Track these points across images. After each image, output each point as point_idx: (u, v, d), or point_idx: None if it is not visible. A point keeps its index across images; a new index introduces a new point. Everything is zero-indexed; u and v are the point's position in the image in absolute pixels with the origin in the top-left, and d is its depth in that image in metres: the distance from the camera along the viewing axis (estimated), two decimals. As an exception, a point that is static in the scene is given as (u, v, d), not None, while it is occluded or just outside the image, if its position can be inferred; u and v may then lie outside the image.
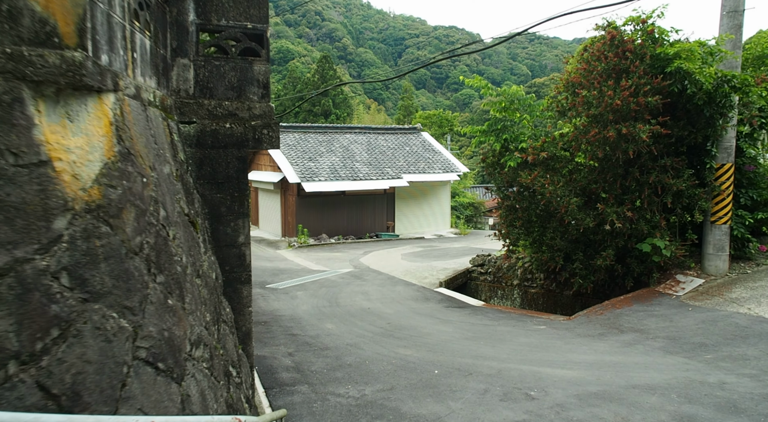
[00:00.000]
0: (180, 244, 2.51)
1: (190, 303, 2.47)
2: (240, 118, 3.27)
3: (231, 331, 2.98)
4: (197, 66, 3.17)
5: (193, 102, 3.20)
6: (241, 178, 3.27)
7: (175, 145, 2.78)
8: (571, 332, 8.25)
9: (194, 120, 3.20)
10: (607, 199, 9.67)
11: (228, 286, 3.25)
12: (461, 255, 18.30)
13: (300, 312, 10.70)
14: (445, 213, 27.76)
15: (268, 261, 19.18)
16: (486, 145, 11.08)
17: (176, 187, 2.65)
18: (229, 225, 3.25)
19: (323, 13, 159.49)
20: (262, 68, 3.30)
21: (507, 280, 13.28)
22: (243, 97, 3.34)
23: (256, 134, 3.31)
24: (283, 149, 24.61)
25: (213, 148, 3.24)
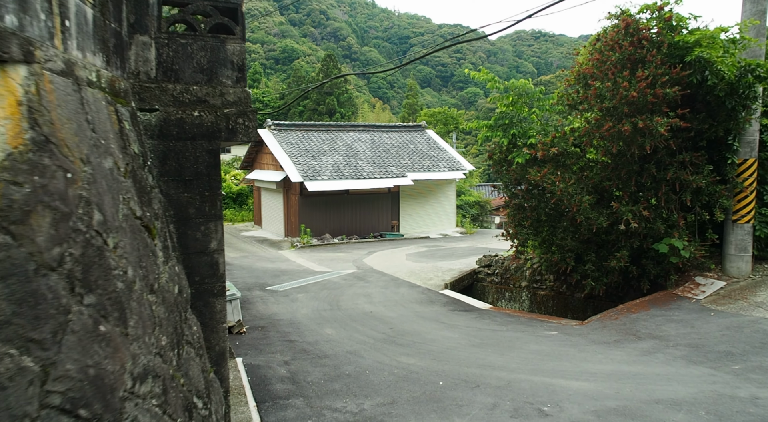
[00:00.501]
0: (125, 254, 2.04)
1: (137, 326, 2.00)
2: (211, 106, 2.82)
3: (198, 353, 2.53)
4: (160, 44, 2.73)
5: (155, 86, 2.75)
6: (213, 175, 2.82)
7: (125, 134, 2.33)
8: (584, 338, 7.76)
9: (156, 107, 2.75)
10: (622, 196, 9.16)
11: (198, 300, 2.80)
12: (467, 255, 17.81)
13: (299, 316, 10.26)
14: (451, 212, 27.26)
15: (269, 262, 18.77)
16: (493, 141, 10.59)
17: (123, 184, 2.18)
18: (199, 229, 2.79)
19: (328, 12, 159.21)
20: (237, 48, 2.86)
21: (515, 282, 12.79)
22: (214, 80, 2.88)
23: (230, 124, 2.86)
24: (285, 148, 24.20)
25: (179, 140, 2.79)
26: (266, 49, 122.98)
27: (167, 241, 2.62)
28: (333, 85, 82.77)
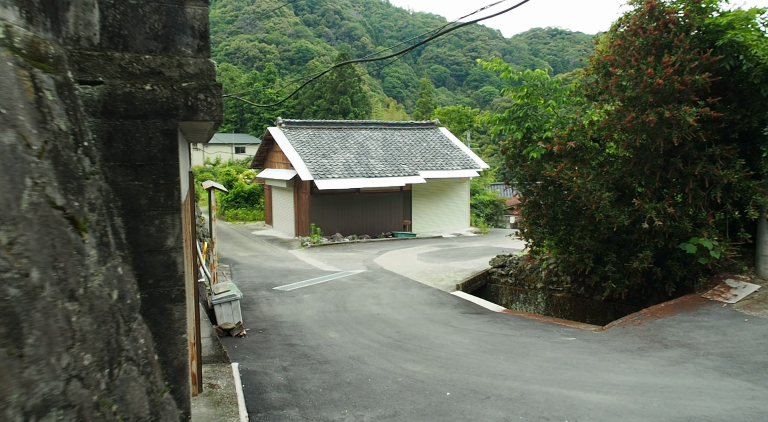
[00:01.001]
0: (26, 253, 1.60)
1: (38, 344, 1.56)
2: (166, 78, 2.38)
3: (144, 371, 2.08)
4: (105, 6, 2.31)
5: (98, 54, 2.31)
6: (169, 160, 2.38)
7: (45, 106, 1.89)
8: (605, 345, 7.21)
9: (100, 79, 2.32)
10: (645, 193, 8.58)
11: (152, 306, 2.36)
12: (481, 255, 17.25)
13: (303, 318, 9.84)
14: (464, 212, 26.68)
15: (278, 261, 18.41)
16: (506, 135, 10.05)
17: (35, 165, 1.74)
18: (153, 223, 2.35)
19: (342, 12, 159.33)
20: (198, 11, 2.43)
21: (530, 283, 12.23)
22: (171, 49, 2.44)
23: (189, 100, 2.42)
24: (295, 146, 23.84)
25: (127, 118, 2.36)
26: (281, 50, 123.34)
27: (107, 237, 2.18)
28: (347, 84, 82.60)
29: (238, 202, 32.82)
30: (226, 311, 8.44)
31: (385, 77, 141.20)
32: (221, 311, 8.43)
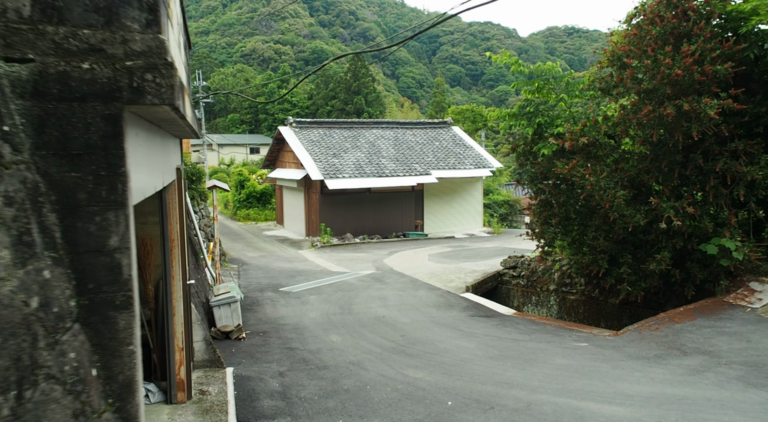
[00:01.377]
0: None
1: None
2: (109, 56, 2.10)
3: (71, 391, 1.79)
4: (37, -28, 2.03)
5: (28, 28, 2.04)
6: (111, 149, 2.09)
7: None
8: (619, 352, 6.80)
9: (30, 56, 2.04)
10: (662, 191, 8.14)
11: (93, 314, 2.08)
12: (493, 256, 16.84)
13: (306, 320, 9.56)
14: (477, 211, 26.23)
15: (287, 261, 18.19)
16: (516, 131, 9.66)
17: None
18: (93, 220, 2.07)
19: (357, 13, 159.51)
20: (147, -20, 2.16)
21: (542, 285, 11.81)
22: (115, 23, 2.16)
23: (135, 80, 2.13)
24: (306, 145, 23.64)
25: (62, 101, 2.08)
26: (296, 51, 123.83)
27: (29, 236, 1.89)
28: (360, 84, 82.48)
29: (250, 202, 32.75)
30: (225, 313, 8.20)
31: (400, 77, 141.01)
32: (220, 313, 8.19)
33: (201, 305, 8.17)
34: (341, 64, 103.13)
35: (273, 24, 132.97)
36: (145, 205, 5.91)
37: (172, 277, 5.16)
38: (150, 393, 5.26)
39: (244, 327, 9.02)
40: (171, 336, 5.18)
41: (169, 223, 5.10)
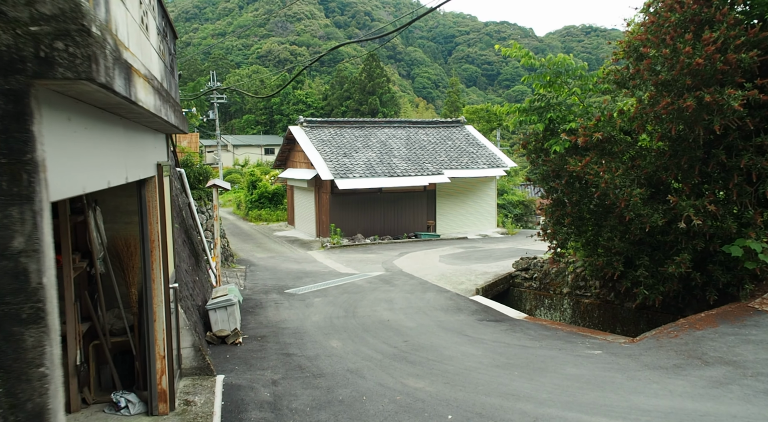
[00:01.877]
0: None
1: None
2: (9, 20, 1.76)
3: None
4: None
5: None
6: (14, 132, 1.77)
7: None
8: (635, 361, 6.34)
9: None
10: (681, 189, 7.65)
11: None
12: (506, 257, 16.38)
13: (308, 324, 9.23)
14: (491, 212, 25.73)
15: (295, 263, 17.93)
16: (527, 127, 9.23)
17: None
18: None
19: (373, 14, 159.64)
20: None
21: (555, 288, 11.34)
22: (22, -18, 1.81)
23: (42, 49, 1.80)
24: (316, 145, 23.37)
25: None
26: (311, 52, 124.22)
27: None
28: (375, 85, 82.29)
29: (262, 202, 32.62)
30: (221, 317, 7.90)
31: (416, 78, 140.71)
32: (216, 317, 7.89)
33: (196, 308, 7.89)
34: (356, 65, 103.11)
35: (289, 25, 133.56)
36: (130, 203, 5.63)
37: (152, 280, 4.85)
38: (130, 404, 4.96)
39: (244, 330, 8.73)
40: (151, 343, 4.87)
41: (149, 223, 4.80)
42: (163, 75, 4.34)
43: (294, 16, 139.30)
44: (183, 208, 11.16)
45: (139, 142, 4.17)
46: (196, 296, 8.41)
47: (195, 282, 8.91)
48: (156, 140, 5.00)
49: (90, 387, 5.33)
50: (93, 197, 5.55)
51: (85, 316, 5.35)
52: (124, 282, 5.61)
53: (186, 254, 8.81)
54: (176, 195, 10.29)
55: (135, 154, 3.92)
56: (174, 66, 5.46)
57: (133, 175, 3.83)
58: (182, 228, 9.60)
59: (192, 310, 7.14)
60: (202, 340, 6.79)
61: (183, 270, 7.73)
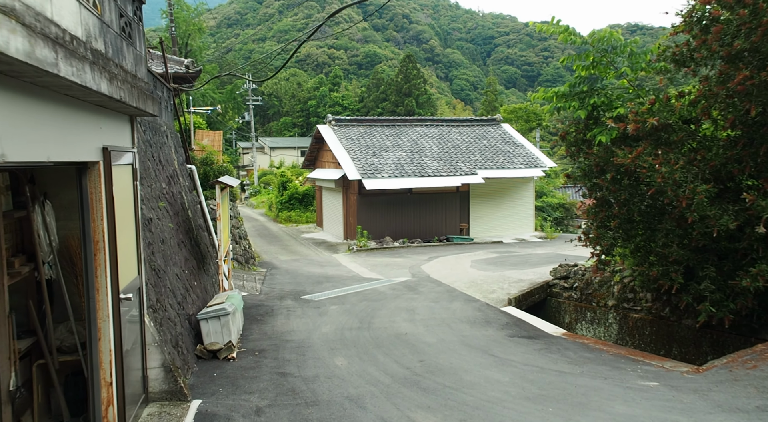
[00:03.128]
0: None
1: None
2: None
3: None
4: None
5: None
6: None
7: None
8: (704, 399, 5.07)
9: None
10: (759, 186, 6.31)
11: None
12: (544, 263, 15.05)
13: (316, 336, 8.26)
14: (528, 214, 24.27)
15: (318, 266, 17.05)
16: (566, 115, 8.01)
17: None
18: None
19: (411, 16, 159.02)
20: None
21: (599, 299, 10.02)
22: None
23: None
24: (345, 144, 22.51)
25: None
26: (349, 55, 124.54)
27: None
28: (411, 86, 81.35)
29: (292, 203, 32.04)
30: (213, 328, 7.00)
31: (454, 80, 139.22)
32: (208, 328, 7.00)
33: (186, 318, 7.02)
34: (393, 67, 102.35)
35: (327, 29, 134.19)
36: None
37: (96, 290, 3.95)
38: (70, 439, 4.08)
39: (244, 342, 7.83)
40: (95, 366, 3.97)
41: (91, 219, 3.90)
42: (93, 33, 3.43)
43: (332, 20, 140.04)
44: (190, 207, 10.39)
45: (70, 118, 3.30)
46: (190, 304, 7.55)
47: (192, 288, 8.07)
48: (107, 120, 4.11)
49: (34, 414, 4.48)
50: (42, 190, 4.71)
51: (29, 330, 4.51)
52: (77, 290, 4.76)
53: (182, 257, 7.98)
54: (179, 192, 9.52)
55: (62, 130, 3.03)
56: (134, 34, 4.57)
57: (58, 155, 2.93)
58: (183, 229, 8.79)
59: (175, 322, 6.26)
60: (180, 357, 5.89)
61: (172, 275, 6.88)
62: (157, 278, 5.98)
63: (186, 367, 6.07)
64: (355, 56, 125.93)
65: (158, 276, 6.04)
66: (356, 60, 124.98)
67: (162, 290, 6.00)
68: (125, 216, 4.47)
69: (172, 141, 10.17)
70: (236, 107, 66.53)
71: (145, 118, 7.75)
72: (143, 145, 7.18)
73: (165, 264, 6.58)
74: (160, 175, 7.97)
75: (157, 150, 8.21)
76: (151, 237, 6.22)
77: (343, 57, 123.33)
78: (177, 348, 5.93)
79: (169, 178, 8.70)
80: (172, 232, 7.63)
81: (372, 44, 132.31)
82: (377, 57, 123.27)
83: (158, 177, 7.76)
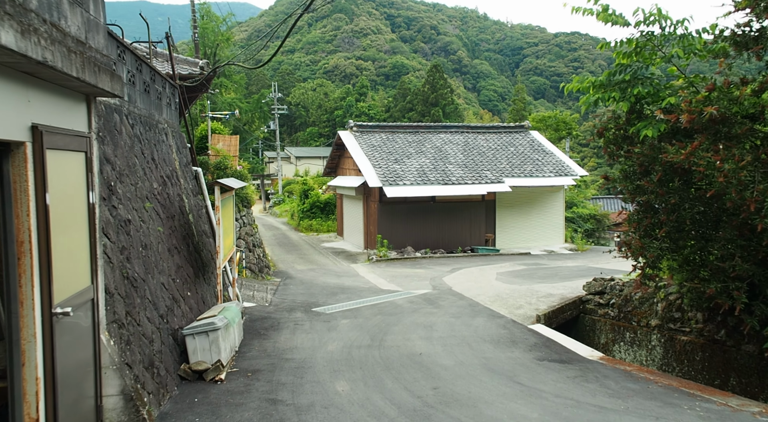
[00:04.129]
0: None
1: None
2: None
3: None
4: None
5: None
6: None
7: None
8: (787, 452, 4.01)
9: None
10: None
11: None
12: (575, 277, 13.92)
13: (320, 355, 7.40)
14: (558, 225, 23.06)
15: (335, 276, 16.24)
16: (604, 110, 7.02)
17: None
18: None
19: (438, 27, 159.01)
20: None
21: (639, 318, 8.91)
22: None
23: None
24: (366, 150, 21.75)
25: None
26: (377, 66, 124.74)
27: None
28: (438, 96, 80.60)
29: (314, 212, 31.40)
30: (201, 345, 6.21)
31: (481, 91, 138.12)
32: (195, 345, 6.20)
33: (169, 334, 6.24)
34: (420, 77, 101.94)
35: (355, 40, 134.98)
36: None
37: (19, 303, 3.18)
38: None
39: (240, 360, 7.02)
40: (17, 398, 3.18)
41: (14, 215, 3.14)
42: None
43: (360, 32, 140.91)
44: (192, 211, 9.69)
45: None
46: (179, 317, 6.78)
47: (184, 299, 7.31)
48: (41, 94, 3.36)
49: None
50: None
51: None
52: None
53: (173, 264, 7.24)
54: (178, 194, 8.83)
55: None
56: None
57: None
58: (180, 234, 8.07)
59: (152, 338, 5.47)
60: (155, 380, 5.08)
61: (155, 284, 6.12)
62: (131, 288, 5.22)
63: (162, 391, 5.27)
64: (382, 67, 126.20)
65: (133, 286, 5.28)
66: (384, 71, 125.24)
67: (135, 302, 5.23)
68: (70, 212, 3.71)
69: (174, 140, 9.51)
70: (263, 116, 66.80)
71: (134, 111, 7.08)
72: (129, 139, 6.48)
73: (146, 273, 5.83)
74: (152, 175, 7.27)
75: (150, 147, 7.53)
76: (128, 241, 5.48)
77: (371, 68, 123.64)
78: (151, 369, 5.14)
79: (165, 179, 8.01)
80: (161, 237, 6.90)
81: (399, 55, 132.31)
82: (404, 68, 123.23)
83: (148, 176, 7.06)
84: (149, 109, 7.90)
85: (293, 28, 9.61)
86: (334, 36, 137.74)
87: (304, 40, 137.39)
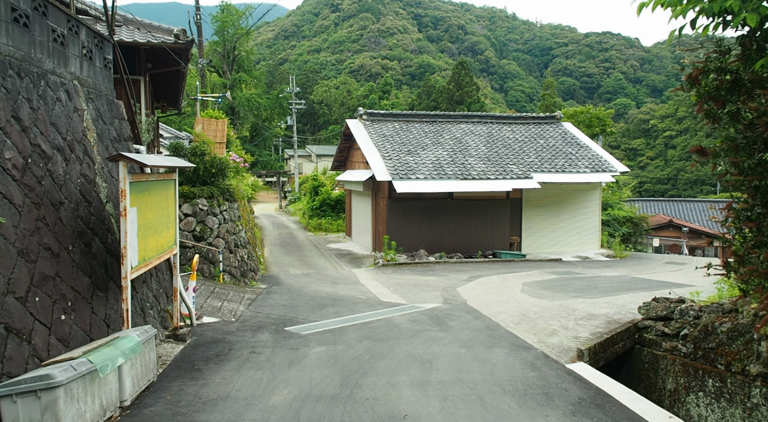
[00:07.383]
0: None
1: None
2: None
3: None
4: None
5: None
6: None
7: None
8: None
9: None
10: None
11: None
12: (618, 290, 11.21)
13: (251, 416, 4.93)
14: (593, 228, 20.16)
15: (331, 284, 13.81)
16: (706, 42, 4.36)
17: None
18: None
19: (466, 27, 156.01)
20: None
21: (730, 360, 6.18)
22: None
23: None
24: (376, 140, 19.26)
25: None
26: (402, 65, 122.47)
27: None
28: (464, 94, 77.70)
29: (324, 210, 29.06)
30: (25, 414, 3.76)
31: (509, 91, 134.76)
32: (15, 414, 3.76)
33: None
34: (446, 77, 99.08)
35: (381, 40, 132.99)
36: None
37: None
38: None
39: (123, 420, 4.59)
40: None
41: None
42: None
43: (387, 31, 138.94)
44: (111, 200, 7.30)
45: None
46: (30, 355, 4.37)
47: (50, 325, 4.91)
48: None
49: None
50: None
51: None
52: None
53: (37, 273, 4.85)
54: (81, 173, 6.46)
55: None
56: None
57: None
58: (69, 230, 5.69)
59: None
60: None
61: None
62: None
63: None
64: (408, 67, 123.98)
65: None
66: (409, 70, 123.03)
67: None
68: None
69: (93, 106, 7.16)
70: (282, 112, 64.98)
71: None
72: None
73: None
74: (8, 140, 4.91)
75: (22, 103, 5.17)
76: None
77: (397, 67, 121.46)
78: None
79: (54, 152, 5.65)
80: (12, 233, 4.52)
81: (426, 55, 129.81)
82: (431, 67, 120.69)
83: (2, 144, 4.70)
84: (28, 51, 5.56)
85: None
86: (360, 35, 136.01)
87: (330, 40, 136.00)
